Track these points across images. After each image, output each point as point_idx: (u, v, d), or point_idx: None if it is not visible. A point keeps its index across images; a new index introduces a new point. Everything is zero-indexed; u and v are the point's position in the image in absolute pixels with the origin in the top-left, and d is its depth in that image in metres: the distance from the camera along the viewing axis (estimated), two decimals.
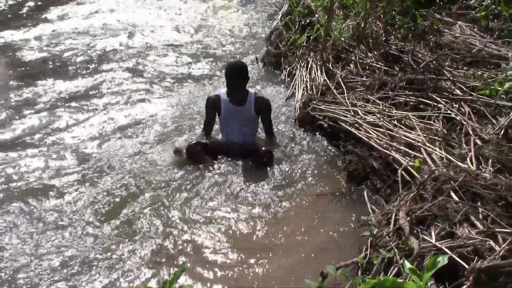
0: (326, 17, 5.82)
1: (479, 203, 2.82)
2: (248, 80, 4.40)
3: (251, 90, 4.47)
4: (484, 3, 5.89)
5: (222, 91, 4.45)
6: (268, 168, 4.18)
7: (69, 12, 9.38)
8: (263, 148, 4.26)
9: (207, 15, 9.57)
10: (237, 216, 3.62)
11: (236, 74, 4.25)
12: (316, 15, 6.81)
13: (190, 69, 6.69)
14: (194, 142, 4.31)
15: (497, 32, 5.41)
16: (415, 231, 2.76)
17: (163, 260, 3.19)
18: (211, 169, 4.19)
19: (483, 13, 5.76)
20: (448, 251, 2.41)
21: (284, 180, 4.05)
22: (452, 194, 2.88)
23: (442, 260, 1.47)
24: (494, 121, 3.85)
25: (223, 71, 4.42)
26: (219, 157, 4.32)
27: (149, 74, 6.50)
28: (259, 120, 4.54)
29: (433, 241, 2.54)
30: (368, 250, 2.83)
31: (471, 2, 6.22)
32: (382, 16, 5.96)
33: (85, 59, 7.06)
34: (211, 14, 9.64)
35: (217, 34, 8.37)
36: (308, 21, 6.89)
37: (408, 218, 2.81)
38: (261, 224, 3.53)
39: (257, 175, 4.09)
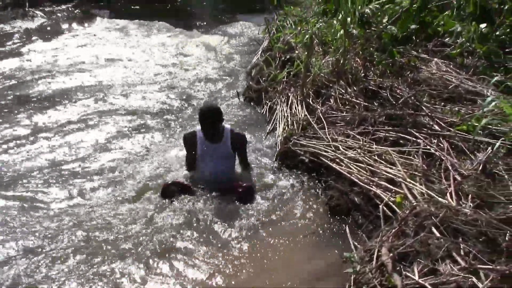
0: (306, 53, 5.92)
1: (460, 239, 2.83)
2: (222, 122, 4.32)
3: (227, 126, 4.42)
4: (458, 40, 6.06)
5: (199, 127, 4.36)
6: (248, 204, 4.13)
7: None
8: (244, 185, 4.22)
9: (188, 50, 9.69)
10: (212, 256, 3.52)
11: (209, 118, 4.18)
12: (296, 51, 6.94)
13: (168, 106, 6.72)
14: (170, 182, 4.28)
15: (472, 69, 5.54)
16: (397, 268, 2.75)
17: None
18: (188, 207, 4.10)
19: (458, 50, 5.91)
20: None
21: (264, 216, 4.00)
22: (434, 230, 2.89)
23: None
24: (472, 156, 3.90)
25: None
26: (197, 193, 4.26)
27: (125, 111, 6.53)
28: (236, 155, 4.50)
29: (416, 277, 2.53)
30: (352, 287, 2.79)
31: (446, 39, 6.39)
32: (360, 52, 6.08)
33: (66, 94, 7.06)
34: (192, 50, 9.76)
35: (198, 70, 8.45)
36: (288, 57, 7.02)
37: (391, 255, 2.80)
38: (239, 263, 3.45)
39: (236, 212, 4.03)
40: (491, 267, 2.48)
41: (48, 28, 11.54)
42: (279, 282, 3.25)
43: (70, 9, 13.13)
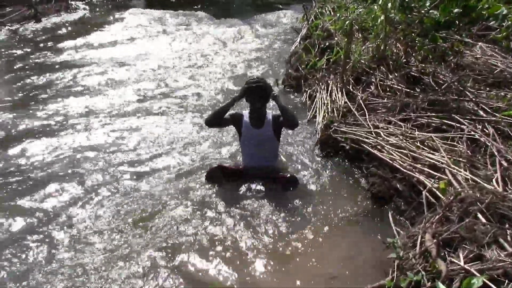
0: (346, 40, 5.86)
1: (507, 225, 2.79)
2: (268, 99, 4.24)
3: (269, 111, 4.37)
4: (504, 24, 5.88)
5: (245, 112, 4.39)
6: (291, 192, 4.16)
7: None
8: (287, 175, 4.24)
9: (228, 40, 9.76)
10: (255, 245, 3.57)
11: (256, 90, 4.10)
12: (336, 38, 6.88)
13: (209, 96, 6.79)
14: (215, 166, 4.34)
15: None
16: (442, 254, 2.73)
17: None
18: (232, 193, 4.18)
19: (504, 34, 5.74)
20: (478, 274, 2.38)
21: (307, 204, 4.03)
22: (479, 215, 2.85)
23: (477, 282, 1.46)
24: None
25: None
26: (242, 179, 4.32)
27: (162, 101, 6.64)
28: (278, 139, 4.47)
29: (462, 263, 2.51)
30: (395, 273, 2.79)
31: (491, 23, 6.20)
32: (401, 38, 5.98)
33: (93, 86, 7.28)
34: (233, 39, 9.82)
35: (238, 59, 8.49)
36: (327, 44, 6.97)
37: (435, 241, 2.79)
38: (284, 250, 3.50)
39: (280, 200, 4.07)
40: None
41: (90, 20, 11.82)
42: (322, 267, 3.29)
43: None
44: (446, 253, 2.75)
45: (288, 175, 4.25)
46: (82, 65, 8.30)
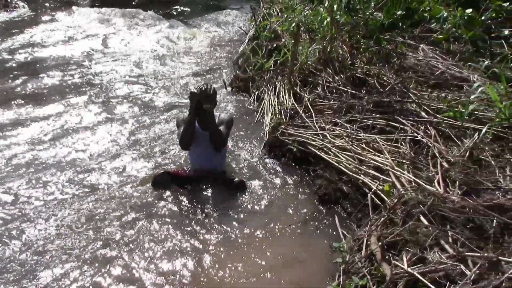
0: (293, 41, 5.87)
1: (448, 227, 2.84)
2: (215, 105, 4.28)
3: (216, 114, 4.35)
4: (445, 26, 6.06)
5: None
6: (238, 195, 4.13)
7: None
8: (235, 179, 4.20)
9: (174, 40, 9.60)
10: (203, 247, 3.51)
11: (204, 97, 4.08)
12: (283, 40, 6.89)
13: (157, 97, 6.65)
14: (161, 172, 4.25)
15: (458, 55, 5.54)
16: (387, 257, 2.76)
17: None
18: (178, 197, 4.10)
19: (444, 36, 5.91)
20: (421, 277, 2.41)
21: (254, 207, 4.00)
22: (422, 218, 2.90)
23: None
24: (459, 142, 3.91)
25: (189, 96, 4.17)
26: (189, 183, 4.24)
27: (110, 104, 6.43)
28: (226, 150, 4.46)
29: (405, 267, 2.53)
30: (341, 277, 2.80)
31: (432, 25, 6.38)
32: (347, 40, 6.05)
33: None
34: (179, 39, 9.67)
35: (185, 60, 8.38)
36: (274, 45, 6.96)
37: (380, 244, 2.81)
38: (231, 253, 3.45)
39: (228, 203, 4.03)
40: (479, 254, 2.48)
41: (31, 19, 11.30)
42: (268, 271, 3.25)
43: None
44: (390, 256, 2.78)
45: (236, 179, 4.21)
46: (22, 66, 7.96)
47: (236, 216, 3.89)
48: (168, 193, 4.14)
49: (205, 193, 4.16)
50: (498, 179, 3.31)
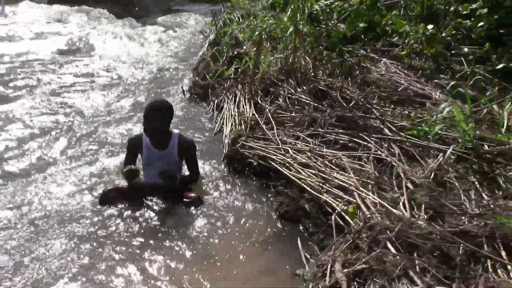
0: (255, 49, 5.73)
1: (415, 254, 2.74)
2: (171, 121, 4.04)
3: (176, 132, 4.12)
4: (406, 41, 6.06)
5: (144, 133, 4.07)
6: (194, 211, 3.91)
7: None
8: (191, 195, 3.99)
9: (129, 41, 9.29)
10: (154, 268, 3.28)
11: (155, 114, 3.87)
12: (244, 47, 6.73)
13: (113, 105, 6.32)
14: (109, 188, 3.99)
15: (420, 71, 5.54)
16: (352, 287, 2.63)
17: None
18: (129, 215, 3.84)
19: (407, 51, 5.90)
20: None
21: (210, 225, 3.78)
22: (389, 245, 2.78)
23: None
24: (423, 162, 3.86)
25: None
26: (138, 200, 3.99)
27: (64, 111, 6.06)
28: (182, 161, 4.24)
29: None
30: None
31: (394, 39, 6.38)
32: (310, 50, 5.97)
33: None
34: (134, 41, 9.36)
35: (141, 63, 8.09)
36: (236, 52, 6.81)
37: (345, 271, 2.68)
38: (182, 275, 3.22)
39: (184, 220, 3.80)
40: None
41: None
42: None
43: None
44: (356, 285, 2.65)
45: (192, 194, 4.00)
46: None
47: (192, 236, 3.65)
48: (116, 211, 3.87)
49: (159, 208, 3.92)
50: (463, 203, 3.26)
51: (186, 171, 4.31)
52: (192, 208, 3.92)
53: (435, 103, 4.73)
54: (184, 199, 3.95)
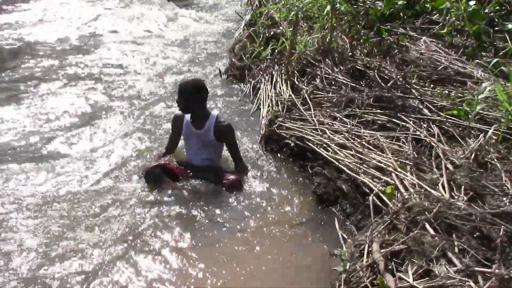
0: (291, 30, 5.70)
1: (454, 235, 2.72)
2: (205, 100, 4.10)
3: (214, 113, 4.15)
4: (447, 18, 5.90)
5: None
6: (233, 193, 3.96)
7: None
8: (230, 177, 4.02)
9: (166, 24, 9.35)
10: (192, 248, 3.36)
11: (189, 93, 3.95)
12: (281, 27, 6.70)
13: (149, 86, 6.42)
14: (153, 164, 4.08)
15: (461, 49, 5.40)
16: (389, 267, 2.64)
17: None
18: (170, 194, 3.92)
19: (448, 29, 5.75)
20: None
21: (248, 206, 3.83)
22: (427, 226, 2.77)
23: None
24: (463, 143, 3.80)
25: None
26: (180, 179, 4.07)
27: (106, 92, 6.21)
28: (223, 144, 4.28)
29: (411, 280, 2.42)
30: (342, 287, 2.68)
31: (434, 17, 6.22)
32: (347, 30, 5.89)
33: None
34: (171, 23, 9.42)
35: (178, 45, 8.16)
36: (272, 32, 6.78)
37: (383, 253, 2.69)
38: (223, 257, 3.29)
39: (221, 201, 3.87)
40: (489, 270, 2.37)
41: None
42: (264, 277, 3.12)
43: None
44: (393, 265, 2.65)
45: (231, 177, 4.04)
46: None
47: (229, 215, 3.73)
48: (157, 191, 3.94)
49: (198, 192, 3.98)
50: (504, 184, 3.21)
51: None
52: (232, 191, 3.97)
53: (477, 82, 4.63)
54: (224, 181, 4.01)
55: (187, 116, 4.13)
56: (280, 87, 5.46)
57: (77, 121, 5.34)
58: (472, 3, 5.67)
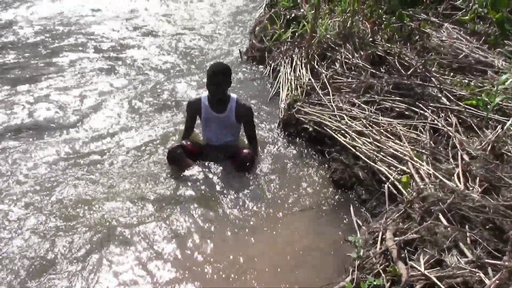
0: (313, 12, 5.70)
1: (467, 227, 2.79)
2: (230, 85, 4.18)
3: (233, 96, 4.24)
4: (471, 4, 5.85)
5: (204, 95, 4.24)
6: (248, 174, 4.07)
7: None
8: (244, 151, 4.13)
9: (186, 4, 9.36)
10: (212, 228, 3.48)
11: (216, 77, 4.01)
12: (302, 10, 6.69)
13: (170, 65, 6.51)
14: (176, 145, 4.19)
15: (483, 37, 5.36)
16: (402, 255, 2.72)
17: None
18: (191, 175, 4.04)
19: (471, 16, 5.71)
20: (437, 281, 2.38)
21: (266, 189, 3.94)
22: (441, 216, 2.84)
23: None
24: (480, 133, 3.82)
25: (205, 70, 4.14)
26: (199, 160, 4.18)
27: (126, 70, 6.33)
28: (241, 125, 4.37)
29: (422, 269, 2.50)
30: (356, 273, 2.77)
31: (457, 2, 6.17)
32: (369, 14, 5.87)
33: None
34: (192, 4, 9.42)
35: (198, 26, 8.19)
36: (293, 15, 6.78)
37: (396, 241, 2.77)
38: (239, 238, 3.40)
39: (239, 183, 3.96)
40: (499, 262, 2.43)
41: None
42: (279, 259, 3.22)
43: None
44: (406, 254, 2.73)
45: (245, 150, 4.13)
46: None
47: (246, 197, 3.82)
48: (180, 169, 4.08)
49: (215, 172, 4.09)
50: None
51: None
52: (243, 165, 4.07)
53: (497, 72, 4.61)
54: (239, 153, 4.12)
55: (204, 100, 4.21)
56: (299, 71, 5.50)
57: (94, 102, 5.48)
58: None
